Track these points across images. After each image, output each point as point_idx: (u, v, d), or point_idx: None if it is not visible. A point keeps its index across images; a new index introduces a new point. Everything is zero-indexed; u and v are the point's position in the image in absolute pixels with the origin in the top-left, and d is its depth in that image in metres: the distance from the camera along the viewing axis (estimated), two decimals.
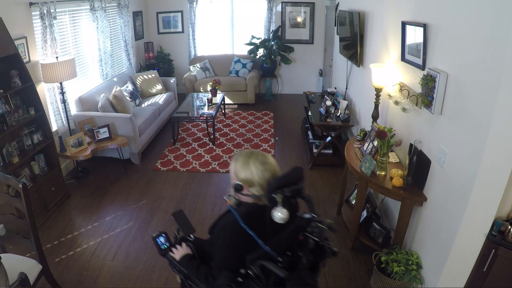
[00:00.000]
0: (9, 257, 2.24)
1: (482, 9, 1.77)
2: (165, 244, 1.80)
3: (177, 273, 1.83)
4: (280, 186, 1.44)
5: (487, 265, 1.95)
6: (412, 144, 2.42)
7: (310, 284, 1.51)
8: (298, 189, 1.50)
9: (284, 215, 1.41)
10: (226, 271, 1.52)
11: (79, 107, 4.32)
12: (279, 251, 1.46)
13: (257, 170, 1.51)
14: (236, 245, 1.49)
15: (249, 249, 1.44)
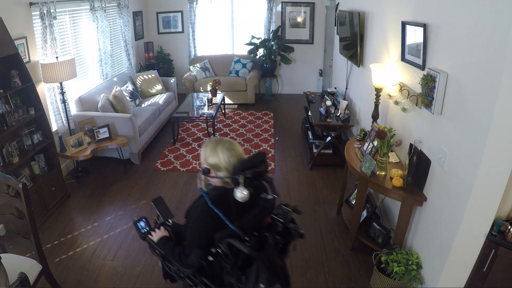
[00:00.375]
0: (9, 257, 2.24)
1: (482, 9, 1.77)
2: (145, 228, 1.93)
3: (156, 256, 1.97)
4: (243, 168, 1.58)
5: (487, 265, 1.95)
6: (412, 144, 2.42)
7: (276, 263, 1.63)
8: (259, 171, 1.62)
9: (245, 195, 1.55)
10: (196, 249, 1.65)
11: (79, 107, 4.32)
12: (246, 231, 1.59)
13: (223, 155, 1.65)
14: (205, 224, 1.61)
15: (218, 229, 1.56)
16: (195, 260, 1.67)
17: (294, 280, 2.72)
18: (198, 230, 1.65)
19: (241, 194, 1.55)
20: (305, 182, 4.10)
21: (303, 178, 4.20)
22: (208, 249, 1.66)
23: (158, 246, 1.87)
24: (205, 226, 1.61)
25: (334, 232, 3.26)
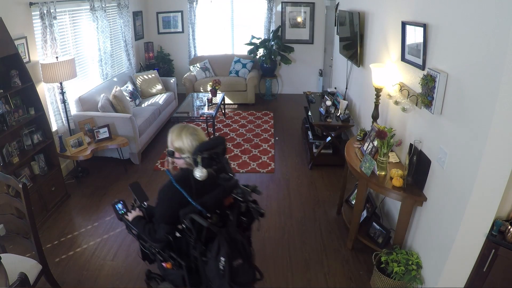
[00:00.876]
0: (9, 257, 2.24)
1: (482, 9, 1.77)
2: (122, 210, 2.10)
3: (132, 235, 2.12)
4: (201, 150, 1.75)
5: (487, 265, 1.95)
6: (412, 144, 2.42)
7: (237, 239, 1.80)
8: (216, 152, 1.79)
9: (204, 173, 1.72)
10: (163, 224, 1.81)
11: (79, 107, 4.32)
12: (207, 208, 1.75)
13: (187, 140, 1.82)
14: (171, 201, 1.77)
15: (182, 206, 1.73)
16: (162, 234, 1.82)
17: (294, 280, 2.72)
18: (164, 206, 1.81)
19: (200, 173, 1.71)
20: (305, 182, 4.10)
21: (303, 178, 4.20)
22: (175, 225, 1.81)
23: (132, 224, 2.01)
24: (170, 203, 1.77)
25: (334, 232, 3.26)
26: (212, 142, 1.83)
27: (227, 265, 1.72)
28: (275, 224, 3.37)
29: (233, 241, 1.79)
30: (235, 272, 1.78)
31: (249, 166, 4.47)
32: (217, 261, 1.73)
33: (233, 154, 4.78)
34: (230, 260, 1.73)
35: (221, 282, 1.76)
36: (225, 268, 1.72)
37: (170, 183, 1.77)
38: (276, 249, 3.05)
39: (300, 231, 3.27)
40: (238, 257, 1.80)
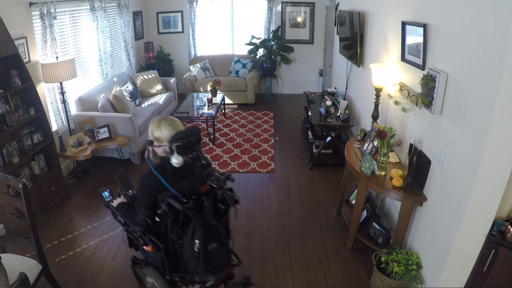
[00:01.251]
0: (9, 257, 2.24)
1: (482, 9, 1.77)
2: (108, 197, 2.29)
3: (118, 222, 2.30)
4: (176, 138, 1.88)
5: (487, 265, 1.95)
6: (412, 144, 2.42)
7: (212, 223, 1.94)
8: (190, 141, 1.91)
9: (179, 161, 1.85)
10: (143, 208, 1.96)
11: (79, 107, 4.32)
12: (184, 194, 1.90)
13: (165, 130, 1.94)
14: (150, 187, 1.92)
15: (160, 191, 1.88)
16: (142, 218, 1.98)
17: (294, 280, 2.72)
18: (143, 192, 1.95)
19: (176, 160, 1.85)
20: (305, 182, 4.10)
21: (303, 178, 4.20)
22: (154, 210, 1.97)
23: (116, 210, 2.18)
24: (150, 188, 1.92)
25: (334, 232, 3.26)
26: (187, 131, 1.95)
27: (202, 248, 1.86)
28: (275, 224, 3.37)
29: (208, 225, 1.93)
30: (210, 255, 1.92)
31: (249, 166, 4.47)
32: (192, 243, 1.86)
33: (233, 154, 4.78)
34: (204, 243, 1.88)
35: (196, 264, 1.90)
36: (199, 251, 1.86)
37: (149, 170, 1.93)
38: (276, 249, 3.05)
39: (300, 231, 3.27)
40: (213, 241, 1.94)
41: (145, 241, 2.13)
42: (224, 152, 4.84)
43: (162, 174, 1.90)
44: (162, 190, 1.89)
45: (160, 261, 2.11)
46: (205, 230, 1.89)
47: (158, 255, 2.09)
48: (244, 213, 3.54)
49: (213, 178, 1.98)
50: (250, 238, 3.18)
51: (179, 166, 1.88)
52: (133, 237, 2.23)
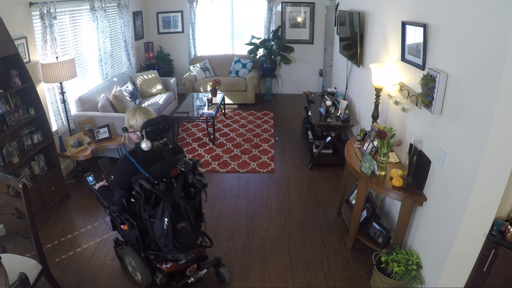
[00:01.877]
0: (9, 257, 2.24)
1: (482, 9, 1.77)
2: (92, 182, 2.51)
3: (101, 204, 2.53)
4: (146, 125, 2.07)
5: (487, 265, 1.95)
6: (412, 144, 2.42)
7: (180, 204, 2.14)
8: (158, 127, 2.11)
9: (147, 144, 2.06)
10: (119, 189, 2.19)
11: (79, 107, 4.32)
12: (154, 176, 2.11)
13: (139, 118, 2.18)
14: (124, 170, 2.15)
15: (134, 173, 2.11)
16: (117, 198, 2.20)
17: (294, 280, 2.72)
18: (119, 174, 2.20)
19: (145, 144, 2.06)
20: (305, 182, 4.10)
21: (303, 178, 4.20)
22: (129, 191, 2.18)
23: (97, 192, 2.40)
24: (124, 171, 2.15)
25: (334, 232, 3.26)
26: (156, 119, 2.14)
27: (170, 226, 2.08)
28: (275, 224, 3.37)
29: (177, 205, 2.13)
30: (178, 233, 2.14)
31: (249, 166, 4.47)
32: (161, 221, 2.08)
33: (233, 154, 4.78)
34: (173, 222, 2.09)
35: (166, 240, 2.13)
36: (168, 228, 2.08)
37: (124, 155, 2.17)
38: (276, 249, 3.05)
39: (300, 231, 3.28)
40: (181, 220, 2.15)
41: (121, 220, 2.34)
42: (224, 152, 4.84)
43: (135, 158, 2.12)
44: (135, 173, 2.11)
45: (135, 239, 2.34)
46: (173, 209, 2.09)
47: (133, 233, 2.32)
48: (244, 213, 3.54)
49: (181, 163, 2.16)
50: (250, 238, 3.18)
51: (151, 151, 2.11)
52: (113, 218, 2.45)
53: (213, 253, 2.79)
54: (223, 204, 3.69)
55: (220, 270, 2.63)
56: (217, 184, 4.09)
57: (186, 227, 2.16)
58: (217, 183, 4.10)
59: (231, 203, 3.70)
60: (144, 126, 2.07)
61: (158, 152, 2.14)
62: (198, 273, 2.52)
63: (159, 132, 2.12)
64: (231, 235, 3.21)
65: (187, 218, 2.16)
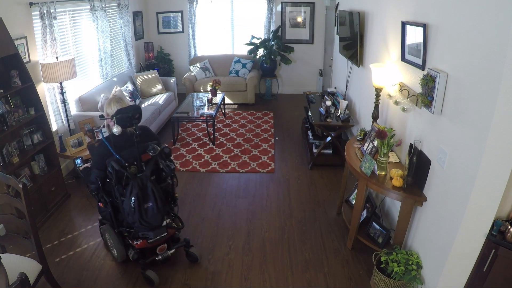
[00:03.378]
0: (9, 257, 2.24)
1: (482, 9, 1.77)
2: (79, 164, 2.90)
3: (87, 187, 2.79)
4: (117, 113, 2.36)
5: (487, 265, 1.95)
6: (412, 144, 2.42)
7: (148, 186, 2.39)
8: (128, 115, 2.37)
9: (118, 129, 2.32)
10: (95, 169, 2.48)
11: (79, 107, 4.32)
12: (126, 160, 2.37)
13: (114, 107, 2.52)
14: (100, 152, 2.44)
15: (108, 156, 2.38)
16: (94, 177, 2.46)
17: (294, 280, 2.72)
18: (95, 156, 2.51)
19: (115, 129, 2.31)
20: (305, 182, 4.10)
21: (303, 178, 4.20)
22: (104, 172, 2.44)
23: (81, 172, 2.70)
24: (100, 153, 2.44)
25: (334, 232, 3.26)
26: (126, 108, 2.42)
27: (137, 204, 2.34)
28: (275, 224, 3.37)
29: (145, 187, 2.39)
30: (145, 212, 2.40)
31: (249, 166, 4.47)
32: (129, 200, 2.34)
33: (233, 154, 4.78)
34: (139, 201, 2.35)
35: (133, 217, 2.40)
36: (135, 206, 2.35)
37: (101, 139, 2.47)
38: (276, 249, 3.05)
39: (300, 231, 3.28)
40: (148, 201, 2.40)
41: (98, 198, 2.61)
42: (224, 152, 4.84)
43: (109, 143, 2.39)
44: (110, 155, 2.37)
45: (109, 215, 2.59)
46: (141, 190, 2.36)
47: (108, 210, 2.57)
48: (244, 213, 3.54)
49: (150, 148, 2.42)
50: (250, 238, 3.18)
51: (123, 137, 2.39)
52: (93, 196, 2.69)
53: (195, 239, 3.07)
54: (223, 204, 3.69)
55: (191, 251, 2.81)
56: (217, 184, 4.09)
57: (152, 207, 2.41)
58: (217, 183, 4.10)
59: (231, 203, 3.70)
60: (115, 113, 2.36)
61: (131, 138, 2.41)
62: (167, 253, 2.74)
63: (128, 120, 2.38)
64: (231, 235, 3.21)
65: (154, 199, 2.41)
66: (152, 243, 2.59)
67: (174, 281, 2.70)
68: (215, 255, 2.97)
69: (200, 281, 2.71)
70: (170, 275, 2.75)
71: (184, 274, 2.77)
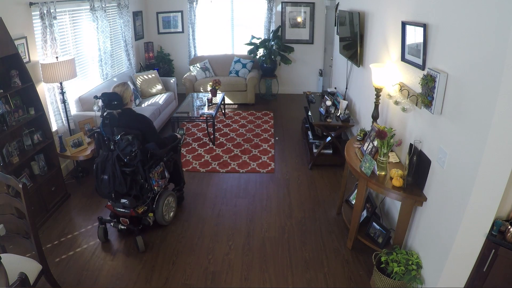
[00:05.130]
0: (9, 257, 2.24)
1: (482, 9, 1.77)
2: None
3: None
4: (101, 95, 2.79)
5: (487, 265, 1.95)
6: (412, 144, 2.42)
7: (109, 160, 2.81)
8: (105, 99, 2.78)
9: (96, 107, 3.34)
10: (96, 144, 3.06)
11: (79, 107, 4.32)
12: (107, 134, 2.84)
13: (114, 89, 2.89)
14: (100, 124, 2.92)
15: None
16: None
17: (294, 280, 2.72)
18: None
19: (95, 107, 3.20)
20: (305, 182, 4.10)
21: (303, 178, 4.20)
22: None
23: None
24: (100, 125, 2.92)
25: (334, 232, 3.26)
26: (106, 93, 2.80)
27: (95, 171, 2.87)
28: (275, 224, 3.37)
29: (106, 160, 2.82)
30: (100, 181, 2.87)
31: (249, 166, 4.47)
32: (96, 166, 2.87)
33: (233, 154, 4.78)
34: (97, 169, 2.85)
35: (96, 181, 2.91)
36: (95, 171, 2.88)
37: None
38: (276, 249, 3.05)
39: (300, 231, 3.28)
40: (105, 174, 2.82)
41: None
42: (224, 152, 4.84)
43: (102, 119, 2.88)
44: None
45: None
46: (102, 161, 2.82)
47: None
48: (244, 213, 3.54)
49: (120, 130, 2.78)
50: (250, 238, 3.18)
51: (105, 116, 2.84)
52: None
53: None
54: (223, 204, 3.69)
55: (136, 239, 3.00)
56: (217, 184, 4.09)
57: (107, 180, 2.82)
58: (217, 183, 4.10)
59: (231, 203, 3.70)
60: (101, 95, 2.78)
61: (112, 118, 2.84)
62: (122, 226, 3.11)
63: (107, 103, 2.78)
64: (231, 235, 3.21)
65: (111, 173, 2.79)
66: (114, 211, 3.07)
67: (174, 281, 2.71)
68: (215, 255, 2.97)
69: (200, 281, 2.71)
70: (170, 275, 2.75)
71: (184, 274, 2.78)
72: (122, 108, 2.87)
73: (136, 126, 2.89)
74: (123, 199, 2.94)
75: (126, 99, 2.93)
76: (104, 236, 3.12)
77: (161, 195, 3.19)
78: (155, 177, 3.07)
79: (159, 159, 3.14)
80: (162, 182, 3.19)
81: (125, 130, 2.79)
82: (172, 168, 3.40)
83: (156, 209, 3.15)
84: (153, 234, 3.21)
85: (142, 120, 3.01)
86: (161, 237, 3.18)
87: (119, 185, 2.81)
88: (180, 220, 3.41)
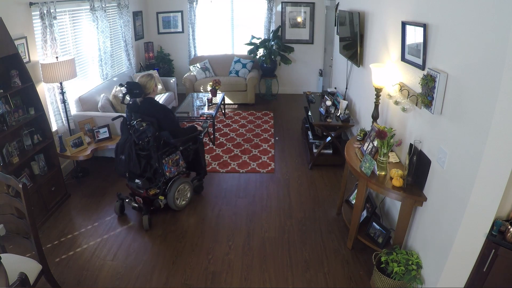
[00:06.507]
0: (9, 257, 2.24)
1: (482, 9, 1.77)
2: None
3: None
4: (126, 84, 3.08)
5: (487, 265, 1.95)
6: (412, 144, 2.42)
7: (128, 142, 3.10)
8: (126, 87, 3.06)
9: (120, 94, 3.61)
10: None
11: (79, 107, 4.32)
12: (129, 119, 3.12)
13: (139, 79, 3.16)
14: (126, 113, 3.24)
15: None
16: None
17: (294, 280, 2.72)
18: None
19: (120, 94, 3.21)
20: (305, 182, 4.10)
21: (303, 178, 4.20)
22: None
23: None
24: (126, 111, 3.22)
25: (334, 232, 3.26)
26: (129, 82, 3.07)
27: (115, 152, 3.20)
28: (275, 224, 3.37)
29: (126, 142, 3.10)
30: (119, 159, 3.17)
31: (249, 166, 4.47)
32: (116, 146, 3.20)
33: (233, 154, 4.78)
34: (117, 149, 3.18)
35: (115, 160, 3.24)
36: (115, 149, 3.22)
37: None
38: (276, 249, 3.05)
39: (300, 231, 3.28)
40: (123, 154, 3.11)
41: None
42: (224, 152, 4.84)
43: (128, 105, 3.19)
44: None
45: None
46: (122, 143, 3.13)
47: None
48: (244, 213, 3.54)
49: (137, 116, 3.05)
50: (250, 238, 3.18)
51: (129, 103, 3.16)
52: None
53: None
54: (223, 204, 3.69)
55: (143, 217, 3.23)
56: (217, 184, 4.09)
57: (123, 160, 3.10)
58: (217, 183, 4.10)
59: (231, 203, 3.70)
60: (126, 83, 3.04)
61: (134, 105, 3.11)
62: (136, 205, 3.36)
63: (129, 91, 3.03)
64: (231, 235, 3.21)
65: (127, 154, 3.07)
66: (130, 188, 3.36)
67: (174, 281, 2.71)
68: (215, 255, 2.97)
69: (200, 281, 2.71)
70: (170, 275, 2.75)
71: (184, 274, 2.78)
72: (143, 96, 3.09)
73: (154, 114, 3.07)
74: (137, 179, 3.18)
75: (149, 89, 3.12)
76: (120, 211, 3.43)
77: (175, 181, 3.37)
78: (168, 163, 3.26)
79: (174, 147, 3.30)
80: (175, 169, 3.36)
81: (142, 116, 3.02)
82: (191, 158, 3.58)
83: (168, 193, 3.33)
84: (153, 234, 3.21)
85: (160, 109, 3.17)
86: (161, 237, 3.18)
87: (134, 166, 3.08)
88: (180, 220, 3.41)
